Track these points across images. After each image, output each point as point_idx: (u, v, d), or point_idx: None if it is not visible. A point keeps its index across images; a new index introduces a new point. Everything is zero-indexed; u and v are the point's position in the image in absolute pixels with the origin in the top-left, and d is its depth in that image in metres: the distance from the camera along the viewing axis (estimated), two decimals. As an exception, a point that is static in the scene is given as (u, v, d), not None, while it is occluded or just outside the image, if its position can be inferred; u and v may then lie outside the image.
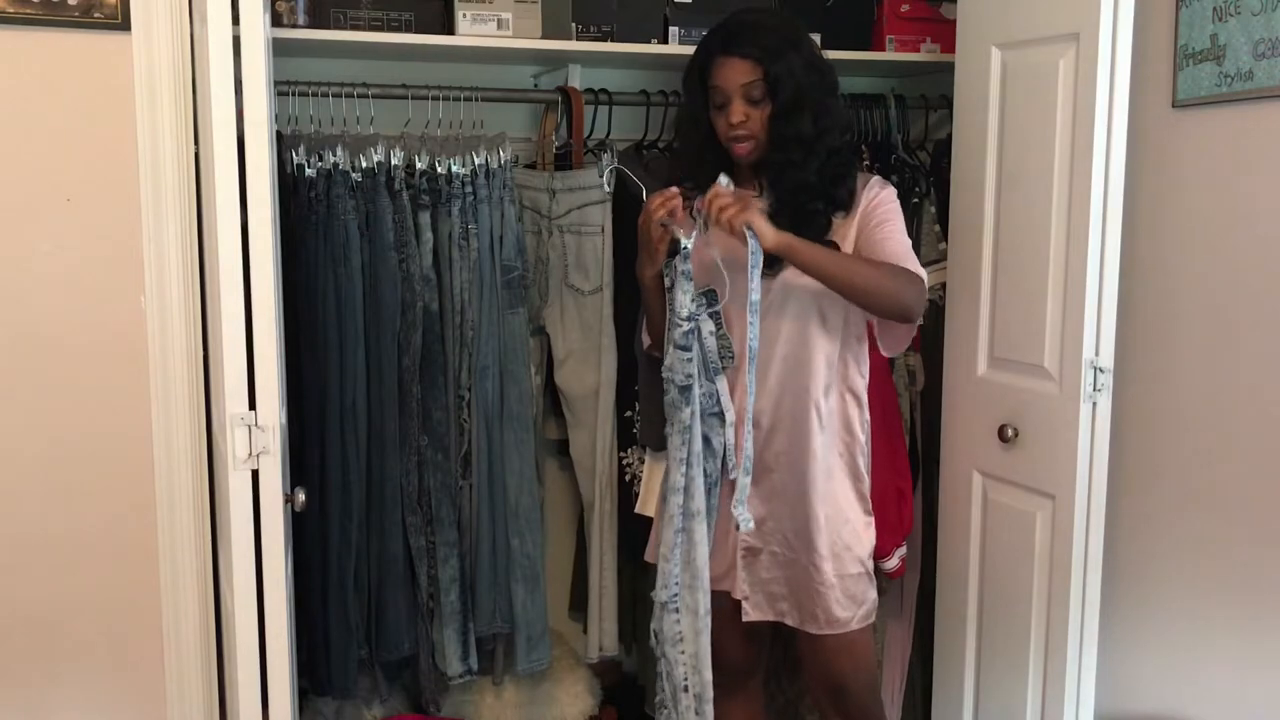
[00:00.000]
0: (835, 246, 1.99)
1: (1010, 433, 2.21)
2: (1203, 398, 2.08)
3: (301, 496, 1.81)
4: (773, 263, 1.97)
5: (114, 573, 1.99)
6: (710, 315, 1.97)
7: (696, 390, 1.95)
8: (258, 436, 1.63)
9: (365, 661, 2.36)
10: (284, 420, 1.75)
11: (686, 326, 1.92)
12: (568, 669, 2.61)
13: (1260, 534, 1.98)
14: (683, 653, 2.03)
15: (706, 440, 1.99)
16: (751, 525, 2.01)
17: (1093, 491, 2.10)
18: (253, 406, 1.63)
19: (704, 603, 2.00)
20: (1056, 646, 2.15)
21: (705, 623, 2.01)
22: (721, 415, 2.00)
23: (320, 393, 2.24)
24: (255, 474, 1.65)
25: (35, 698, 1.98)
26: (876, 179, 2.09)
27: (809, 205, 1.99)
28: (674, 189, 1.92)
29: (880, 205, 2.03)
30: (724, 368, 1.99)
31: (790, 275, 2.00)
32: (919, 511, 2.58)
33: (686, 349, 1.93)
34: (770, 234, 1.84)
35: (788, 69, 1.94)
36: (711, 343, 1.97)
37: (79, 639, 1.99)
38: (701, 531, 1.99)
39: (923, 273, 1.97)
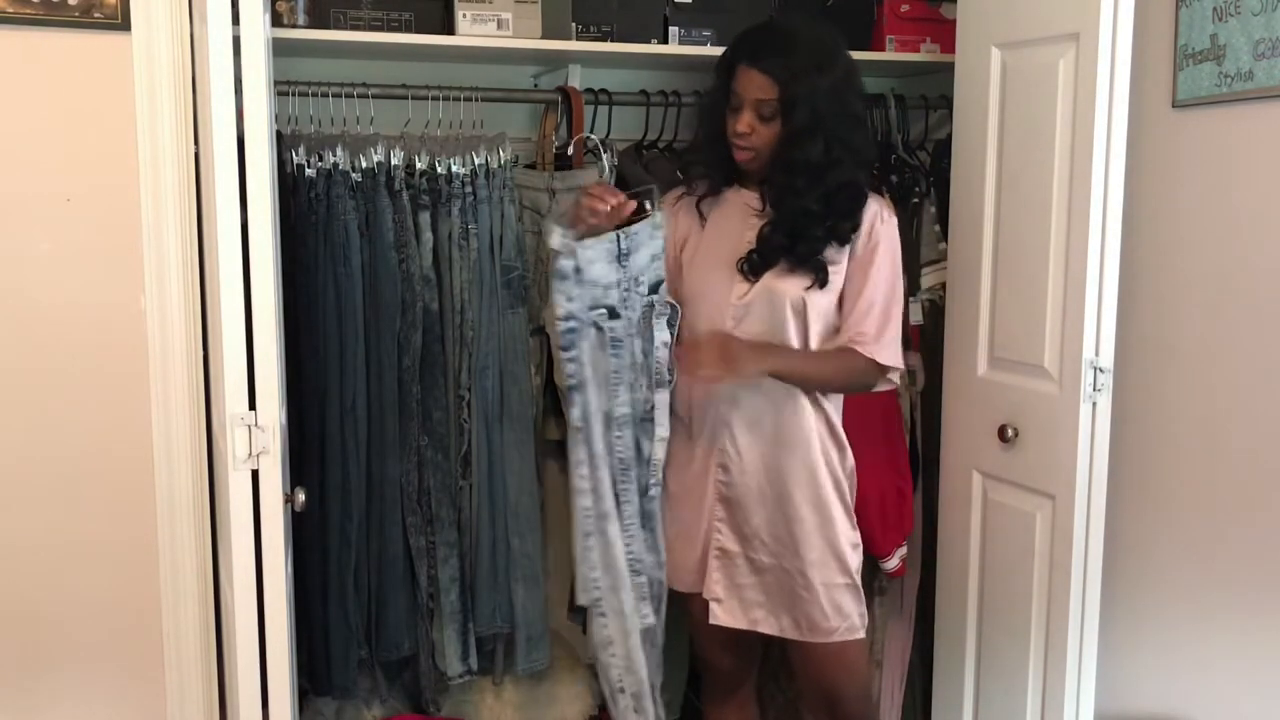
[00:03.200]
0: (824, 271, 1.98)
1: (1010, 433, 2.21)
2: (1202, 398, 2.09)
3: (301, 496, 1.81)
4: (756, 269, 1.99)
5: (114, 573, 1.99)
6: (669, 326, 1.99)
7: (590, 394, 1.94)
8: (258, 436, 1.63)
9: (365, 661, 2.36)
10: (284, 420, 1.75)
11: (563, 326, 1.90)
12: (568, 669, 2.61)
13: (1260, 533, 1.98)
14: (613, 655, 2.01)
15: (638, 445, 1.99)
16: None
17: (1093, 491, 2.10)
18: (253, 406, 1.63)
19: (629, 602, 1.99)
20: (1056, 646, 2.15)
21: (634, 623, 2.00)
22: (653, 423, 2.00)
23: (320, 393, 2.24)
24: (255, 474, 1.65)
25: (35, 697, 1.98)
26: (883, 204, 2.07)
27: (807, 231, 1.97)
28: (620, 200, 1.90)
29: (879, 244, 2.01)
30: (669, 382, 1.99)
31: (771, 280, 1.99)
32: (919, 511, 2.58)
33: (567, 349, 1.91)
34: (752, 370, 1.92)
35: (807, 93, 1.90)
36: (664, 354, 1.98)
37: (79, 639, 1.99)
38: (615, 531, 1.98)
39: (891, 333, 2.01)
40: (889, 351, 2.01)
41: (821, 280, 1.98)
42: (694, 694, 2.65)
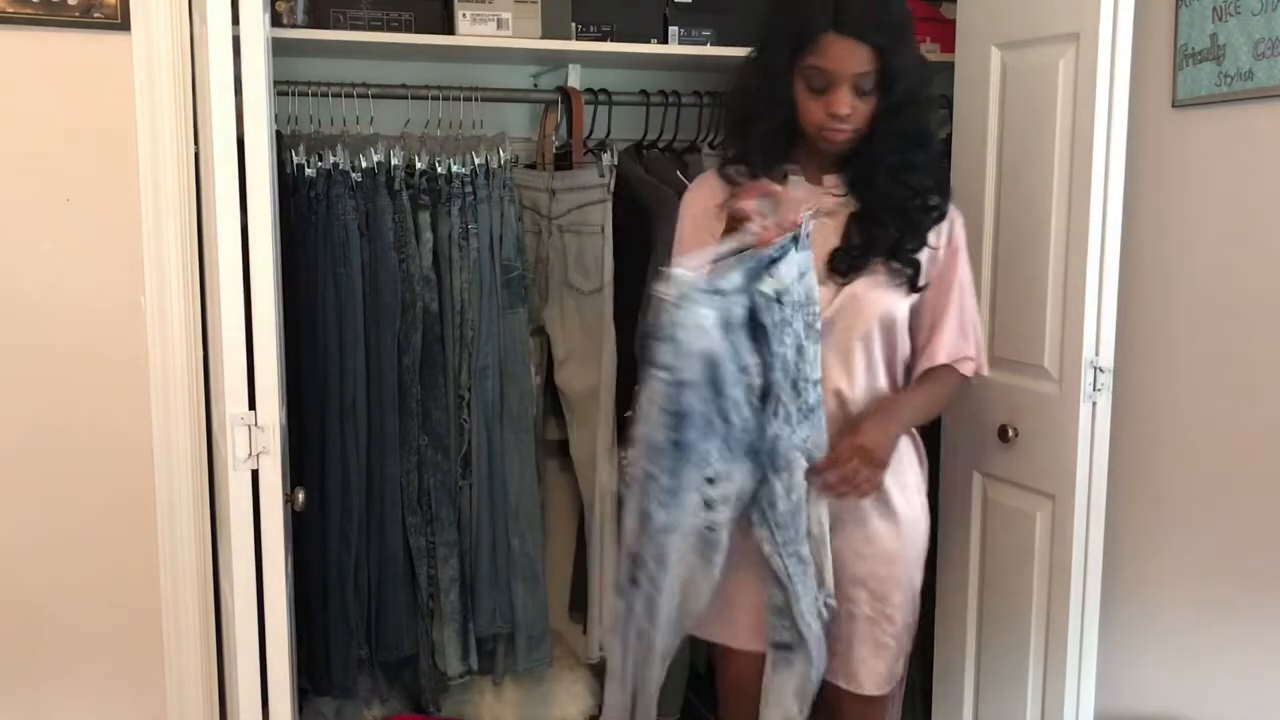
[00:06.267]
0: (919, 271, 1.77)
1: (1010, 433, 2.21)
2: (1203, 397, 2.08)
3: (301, 496, 1.82)
4: (846, 270, 1.75)
5: (114, 573, 1.99)
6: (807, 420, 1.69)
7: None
8: (258, 436, 1.63)
9: (365, 661, 2.36)
10: (284, 420, 1.75)
11: (666, 377, 1.58)
12: (568, 669, 2.61)
13: (1260, 534, 1.98)
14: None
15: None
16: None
17: (1093, 491, 2.10)
18: (253, 406, 1.63)
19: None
20: (1056, 647, 2.14)
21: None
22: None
23: (320, 393, 2.24)
24: (255, 474, 1.65)
25: (35, 697, 1.98)
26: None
27: (920, 215, 1.76)
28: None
29: (960, 249, 1.83)
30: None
31: (858, 289, 1.75)
32: (919, 511, 2.58)
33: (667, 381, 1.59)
34: (887, 451, 1.72)
35: (906, 61, 1.68)
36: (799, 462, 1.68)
37: (79, 639, 1.99)
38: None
39: (975, 343, 1.86)
40: (984, 359, 1.89)
41: (913, 281, 1.76)
42: (694, 695, 2.65)
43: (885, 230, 1.74)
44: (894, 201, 1.74)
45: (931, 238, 1.79)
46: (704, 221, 1.79)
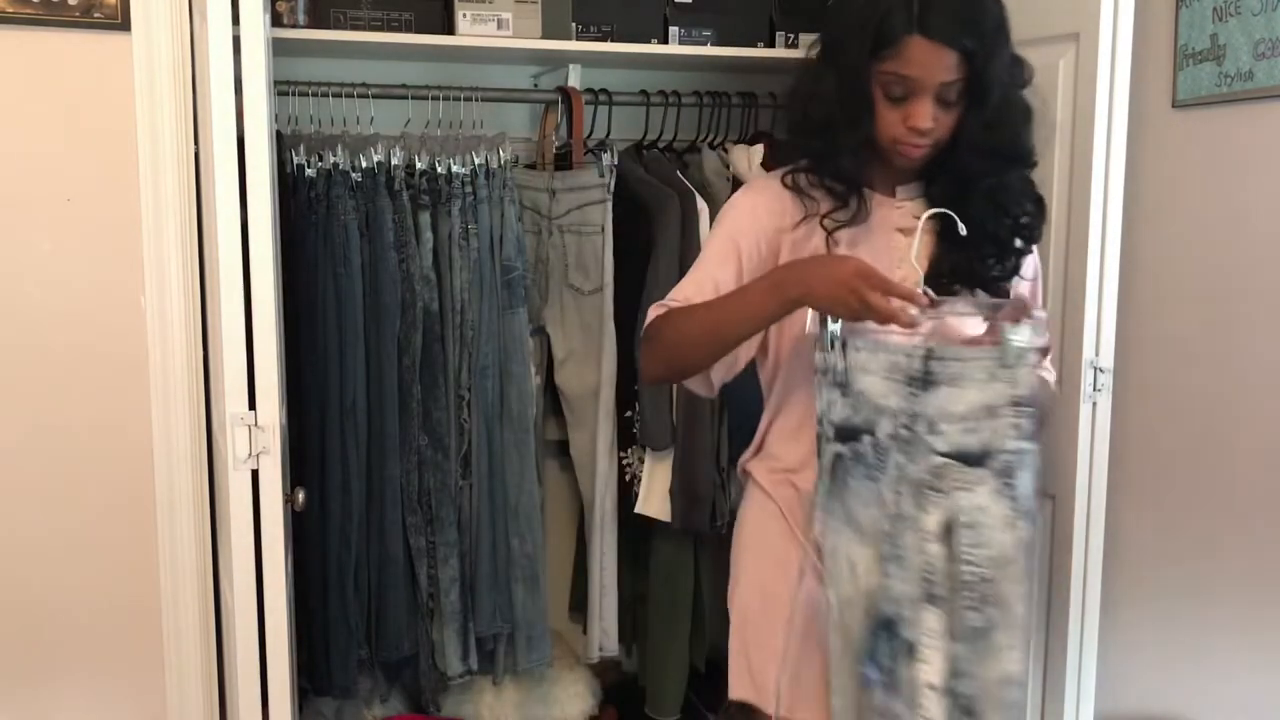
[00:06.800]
0: (1006, 297, 1.57)
1: (1010, 433, 2.21)
2: (1202, 397, 2.08)
3: (301, 496, 1.81)
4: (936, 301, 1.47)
5: (114, 573, 1.99)
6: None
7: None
8: (258, 436, 1.63)
9: (365, 661, 2.36)
10: (284, 420, 1.75)
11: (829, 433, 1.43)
12: (568, 669, 2.61)
13: (1260, 534, 1.98)
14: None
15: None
16: None
17: (1093, 491, 2.10)
18: (253, 406, 1.63)
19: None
20: (1056, 646, 2.14)
21: None
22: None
23: (320, 393, 2.24)
24: (255, 474, 1.65)
25: (35, 698, 1.98)
26: None
27: (1012, 241, 1.56)
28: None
29: (1037, 264, 1.67)
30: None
31: (953, 321, 1.48)
32: (919, 511, 2.57)
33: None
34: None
35: (1000, 67, 1.45)
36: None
37: (79, 639, 1.99)
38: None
39: (1051, 365, 1.69)
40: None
41: None
42: (694, 694, 2.65)
43: (978, 256, 1.55)
44: (989, 229, 1.54)
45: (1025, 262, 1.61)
46: (769, 237, 1.56)
